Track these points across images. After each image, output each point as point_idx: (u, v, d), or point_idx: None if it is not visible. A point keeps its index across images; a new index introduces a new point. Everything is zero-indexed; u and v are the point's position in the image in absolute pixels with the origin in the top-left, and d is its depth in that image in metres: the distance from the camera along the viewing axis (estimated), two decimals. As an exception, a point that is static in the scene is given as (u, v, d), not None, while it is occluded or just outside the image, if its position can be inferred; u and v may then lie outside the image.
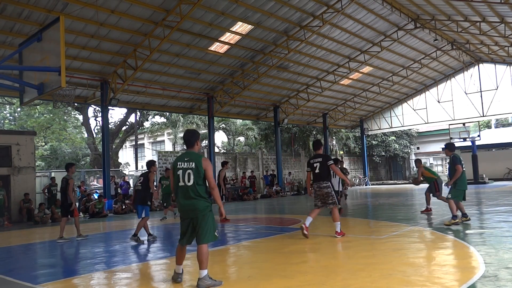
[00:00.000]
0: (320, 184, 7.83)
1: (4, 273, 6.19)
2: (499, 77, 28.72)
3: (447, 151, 9.24)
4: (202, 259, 4.84)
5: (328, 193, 7.83)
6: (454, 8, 19.11)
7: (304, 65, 23.04)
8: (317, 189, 7.88)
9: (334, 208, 7.89)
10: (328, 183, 7.81)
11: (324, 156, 7.94)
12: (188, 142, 5.16)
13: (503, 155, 31.53)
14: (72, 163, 10.28)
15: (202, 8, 15.70)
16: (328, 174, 7.87)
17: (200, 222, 4.89)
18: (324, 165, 7.83)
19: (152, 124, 38.60)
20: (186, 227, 5.00)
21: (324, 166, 7.83)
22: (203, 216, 4.90)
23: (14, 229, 13.42)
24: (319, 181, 7.84)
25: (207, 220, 4.91)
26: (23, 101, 9.16)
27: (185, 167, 4.95)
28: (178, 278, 5.11)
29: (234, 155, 28.63)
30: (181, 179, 4.95)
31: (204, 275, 4.83)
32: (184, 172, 4.92)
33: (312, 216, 8.03)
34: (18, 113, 34.62)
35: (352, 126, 36.78)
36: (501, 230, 7.85)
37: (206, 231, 4.89)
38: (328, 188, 7.82)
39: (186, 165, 4.95)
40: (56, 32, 7.70)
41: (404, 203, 15.32)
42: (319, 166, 7.83)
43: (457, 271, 5.14)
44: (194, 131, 5.26)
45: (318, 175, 7.85)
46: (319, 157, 7.93)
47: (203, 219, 4.90)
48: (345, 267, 5.55)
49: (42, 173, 22.51)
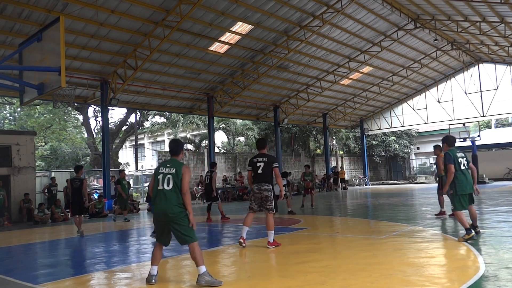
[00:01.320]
0: (261, 186, 7.28)
1: (4, 273, 6.19)
2: (499, 77, 28.72)
3: (446, 146, 7.55)
4: (195, 257, 5.02)
5: (267, 197, 7.25)
6: (454, 8, 19.11)
7: (304, 65, 23.03)
8: (256, 191, 7.30)
9: (270, 215, 7.28)
10: (270, 187, 7.30)
11: (269, 157, 7.39)
12: (173, 151, 5.46)
13: (503, 155, 31.55)
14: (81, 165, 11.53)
15: (202, 8, 15.70)
16: (271, 176, 7.34)
17: (176, 226, 5.07)
18: (268, 166, 7.28)
19: (152, 124, 38.56)
20: (162, 229, 5.21)
21: (268, 167, 7.28)
22: (178, 219, 5.06)
23: (14, 229, 13.42)
24: (260, 183, 7.27)
25: (183, 224, 5.08)
26: (23, 101, 9.15)
27: (166, 172, 5.21)
28: (152, 279, 5.13)
29: (234, 155, 28.62)
30: (160, 183, 5.18)
31: (203, 271, 4.95)
32: (164, 176, 5.17)
33: (248, 224, 7.42)
34: (18, 113, 34.61)
35: (352, 126, 36.78)
36: (501, 230, 7.85)
37: (187, 233, 5.07)
38: (268, 191, 7.27)
39: (168, 170, 5.21)
40: (56, 32, 7.70)
41: (404, 203, 15.32)
42: (263, 167, 7.25)
43: (457, 271, 5.14)
44: (179, 141, 5.65)
45: (260, 176, 7.26)
46: (264, 157, 7.35)
47: (179, 222, 5.07)
48: (345, 267, 5.55)
49: (42, 173, 22.51)
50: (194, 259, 5.03)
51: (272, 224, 7.29)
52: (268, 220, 7.29)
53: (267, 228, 7.31)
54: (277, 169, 7.35)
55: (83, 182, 10.69)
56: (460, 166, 7.09)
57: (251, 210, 7.43)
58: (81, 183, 10.66)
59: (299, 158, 32.71)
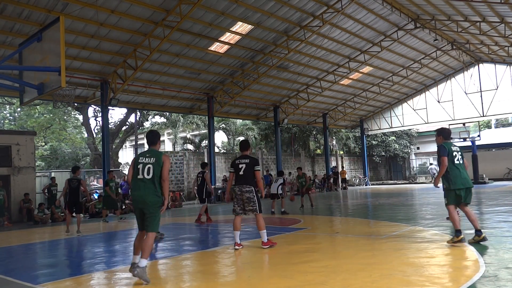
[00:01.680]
0: (243, 188, 7.18)
1: (4, 273, 6.19)
2: (499, 77, 28.73)
3: (439, 138, 6.96)
4: (145, 248, 5.17)
5: (249, 198, 7.17)
6: (454, 8, 19.11)
7: (304, 65, 23.04)
8: (238, 193, 7.21)
9: (258, 216, 7.22)
10: (252, 188, 7.19)
11: (252, 159, 7.32)
12: (151, 142, 5.66)
13: (503, 155, 31.55)
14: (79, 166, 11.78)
15: (202, 8, 15.71)
16: (253, 178, 7.25)
17: (149, 214, 5.30)
18: (250, 168, 7.21)
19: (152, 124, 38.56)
20: (139, 215, 5.44)
21: (250, 169, 7.21)
22: (152, 208, 5.30)
23: (14, 229, 13.41)
24: (242, 184, 7.19)
25: (154, 213, 5.32)
26: (23, 101, 9.16)
27: (145, 162, 5.40)
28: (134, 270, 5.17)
29: (234, 155, 28.61)
30: (140, 172, 5.38)
31: (143, 265, 5.08)
32: (144, 166, 5.37)
33: (238, 228, 7.31)
34: (18, 113, 34.61)
35: (352, 126, 36.78)
36: (501, 230, 7.85)
37: (152, 221, 5.32)
38: (250, 193, 7.18)
39: (147, 160, 5.41)
40: (56, 32, 7.70)
41: (404, 203, 15.31)
42: (245, 168, 7.18)
43: (457, 271, 5.14)
44: (156, 132, 5.79)
45: (242, 178, 7.19)
46: (246, 159, 7.28)
47: (151, 210, 5.30)
48: (345, 267, 5.54)
49: (42, 173, 22.51)
50: (143, 249, 5.16)
51: (262, 224, 7.24)
52: (258, 221, 7.24)
53: (258, 228, 7.26)
54: (259, 172, 7.29)
55: (81, 182, 11.03)
56: (454, 160, 6.65)
57: (235, 213, 7.39)
58: (79, 183, 10.98)
59: (299, 158, 32.71)
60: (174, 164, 23.81)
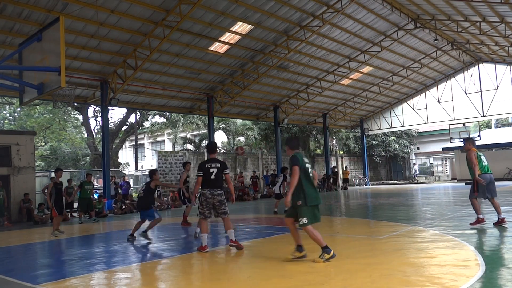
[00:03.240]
0: (214, 191, 7.21)
1: (4, 273, 6.19)
2: (499, 77, 28.72)
3: (288, 149, 6.38)
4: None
5: (221, 202, 7.25)
6: (454, 8, 19.11)
7: (304, 65, 23.03)
8: (209, 196, 7.19)
9: (227, 218, 7.32)
10: (223, 192, 7.35)
11: (222, 163, 7.45)
12: None
13: (503, 155, 31.54)
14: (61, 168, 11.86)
15: (202, 8, 15.70)
16: (222, 181, 7.37)
17: None
18: (221, 172, 7.30)
19: (152, 124, 38.60)
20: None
21: (221, 173, 7.30)
22: None
23: (14, 229, 13.41)
24: (213, 188, 7.21)
25: None
26: (23, 101, 9.15)
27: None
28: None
29: (234, 155, 28.61)
30: None
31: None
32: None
33: (206, 231, 7.31)
34: (18, 113, 34.63)
35: (352, 126, 36.77)
36: (501, 230, 7.84)
37: None
38: (221, 196, 7.28)
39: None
40: (56, 32, 7.70)
41: (404, 203, 15.32)
42: (216, 172, 7.23)
43: (457, 271, 5.14)
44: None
45: (213, 181, 7.22)
46: (217, 163, 7.36)
47: None
48: (345, 267, 5.54)
49: (42, 173, 22.51)
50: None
51: (230, 224, 7.36)
52: (227, 223, 7.32)
53: (226, 228, 7.33)
54: (228, 175, 7.44)
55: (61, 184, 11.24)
56: (307, 172, 6.03)
57: (202, 216, 7.30)
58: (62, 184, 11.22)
59: (299, 158, 32.66)
60: (174, 164, 23.82)
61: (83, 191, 14.27)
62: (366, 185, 34.43)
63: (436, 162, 42.35)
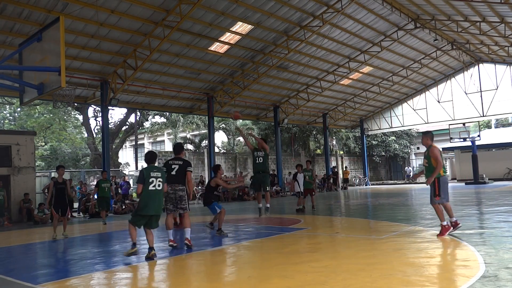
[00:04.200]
0: (176, 187, 7.52)
1: (4, 273, 6.19)
2: (499, 77, 28.72)
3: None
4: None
5: (182, 197, 7.53)
6: (454, 8, 19.11)
7: (304, 65, 23.03)
8: (170, 192, 7.50)
9: (186, 214, 7.60)
10: (184, 187, 7.58)
11: (185, 161, 7.78)
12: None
13: (503, 155, 31.53)
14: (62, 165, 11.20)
15: (202, 8, 15.71)
16: (184, 178, 7.61)
17: None
18: (183, 169, 7.60)
19: (152, 124, 38.57)
20: None
21: (182, 170, 7.59)
22: None
23: (14, 229, 13.41)
24: (174, 184, 7.50)
25: None
26: (23, 101, 9.15)
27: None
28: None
29: (234, 155, 28.61)
30: None
31: None
32: None
33: (171, 227, 7.68)
34: (18, 113, 34.61)
35: (352, 126, 36.77)
36: (501, 230, 7.84)
37: None
38: (183, 191, 7.57)
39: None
40: (56, 32, 7.70)
41: (404, 203, 15.32)
42: (177, 169, 7.57)
43: (457, 271, 5.14)
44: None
45: (174, 177, 7.52)
46: (180, 160, 7.71)
47: None
48: (345, 267, 5.54)
49: (42, 173, 22.52)
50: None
51: (189, 222, 7.63)
52: (186, 219, 7.60)
53: (185, 226, 7.58)
54: (190, 173, 7.67)
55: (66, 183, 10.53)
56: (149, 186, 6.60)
57: (168, 211, 7.64)
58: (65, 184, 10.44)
59: (299, 158, 32.69)
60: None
61: (101, 189, 13.70)
62: (366, 185, 34.43)
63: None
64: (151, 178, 6.58)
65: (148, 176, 6.58)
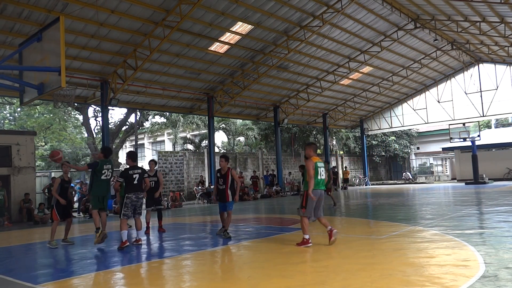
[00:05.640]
0: (139, 195, 8.29)
1: (4, 273, 6.19)
2: (499, 77, 28.73)
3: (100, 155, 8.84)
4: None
5: (142, 203, 8.50)
6: (454, 8, 19.11)
7: (304, 65, 23.04)
8: (134, 199, 8.21)
9: (138, 219, 8.38)
10: (143, 194, 8.54)
11: (142, 169, 8.52)
12: None
13: (503, 155, 31.53)
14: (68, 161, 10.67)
15: (202, 8, 15.71)
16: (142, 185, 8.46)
17: None
18: (142, 177, 8.36)
19: (152, 124, 38.57)
20: None
21: (142, 178, 8.35)
22: None
23: (14, 229, 13.41)
24: (137, 192, 8.25)
25: None
26: (23, 101, 9.14)
27: None
28: None
29: (234, 155, 28.62)
30: None
31: None
32: None
33: (125, 228, 8.25)
34: (18, 113, 34.61)
35: (352, 126, 36.78)
36: (501, 230, 7.84)
37: None
38: (142, 198, 8.54)
39: None
40: (56, 32, 7.69)
41: (404, 203, 15.32)
42: (138, 178, 8.26)
43: (457, 271, 5.14)
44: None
45: (136, 186, 8.25)
46: (138, 169, 8.37)
47: None
48: (345, 267, 5.54)
49: (42, 173, 22.50)
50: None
51: (141, 224, 8.49)
52: (139, 222, 8.40)
53: (138, 228, 8.37)
54: (147, 179, 8.70)
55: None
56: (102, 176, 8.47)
57: (126, 217, 8.21)
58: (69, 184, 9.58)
59: (299, 158, 32.68)
60: (174, 164, 23.83)
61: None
62: (366, 185, 34.43)
63: (436, 162, 42.36)
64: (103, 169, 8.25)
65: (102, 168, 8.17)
